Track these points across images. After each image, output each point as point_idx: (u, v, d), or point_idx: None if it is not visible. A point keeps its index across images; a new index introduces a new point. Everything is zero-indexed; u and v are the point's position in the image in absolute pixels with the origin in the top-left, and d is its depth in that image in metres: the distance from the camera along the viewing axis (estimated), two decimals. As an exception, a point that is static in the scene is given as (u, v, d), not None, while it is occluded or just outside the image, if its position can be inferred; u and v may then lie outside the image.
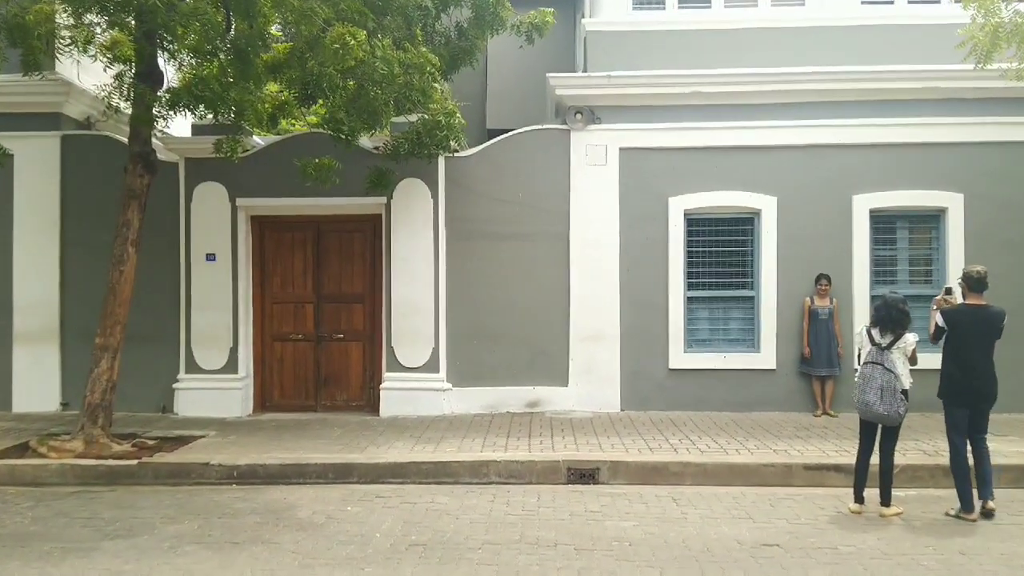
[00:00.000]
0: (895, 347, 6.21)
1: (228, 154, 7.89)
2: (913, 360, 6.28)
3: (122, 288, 8.11)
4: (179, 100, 7.38)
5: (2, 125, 8.78)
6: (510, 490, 6.94)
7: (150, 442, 8.27)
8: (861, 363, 6.39)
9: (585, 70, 10.14)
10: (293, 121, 11.11)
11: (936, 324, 6.47)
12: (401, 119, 9.11)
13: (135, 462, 7.52)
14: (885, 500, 6.28)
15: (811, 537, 5.70)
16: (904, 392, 6.18)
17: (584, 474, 7.35)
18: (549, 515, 6.17)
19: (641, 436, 8.40)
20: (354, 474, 7.41)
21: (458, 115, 8.49)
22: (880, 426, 6.33)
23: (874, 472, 6.38)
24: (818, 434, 8.48)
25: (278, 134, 10.27)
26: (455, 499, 6.64)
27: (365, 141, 9.33)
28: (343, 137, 8.39)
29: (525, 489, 6.99)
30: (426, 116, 8.53)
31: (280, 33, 9.12)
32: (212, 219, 9.97)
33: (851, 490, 6.55)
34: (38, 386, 10.02)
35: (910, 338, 6.24)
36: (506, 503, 6.51)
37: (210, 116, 7.84)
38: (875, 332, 6.33)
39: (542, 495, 6.76)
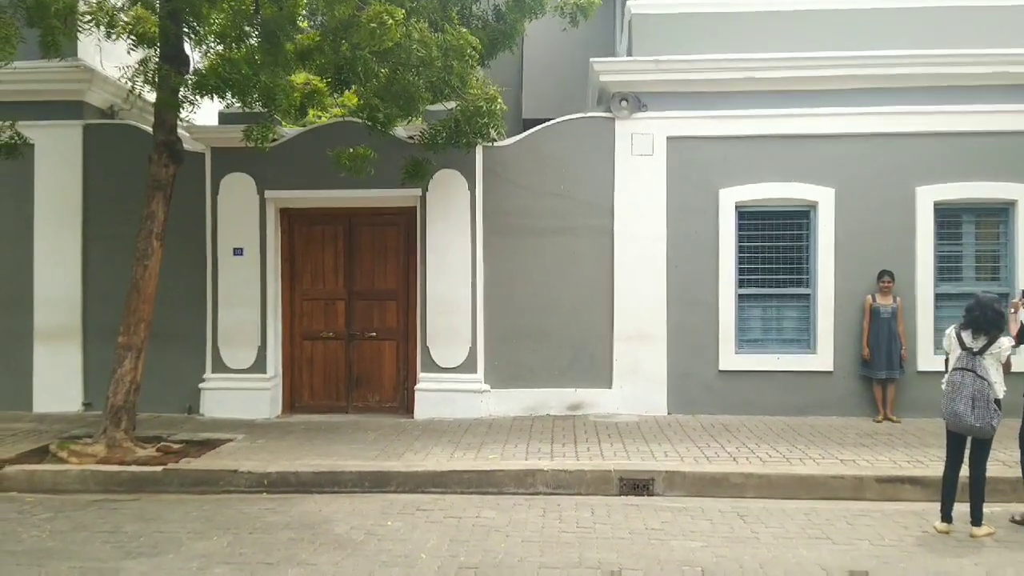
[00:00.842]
0: (988, 352, 5.65)
1: (258, 142, 7.44)
2: (1008, 366, 5.72)
3: (146, 284, 7.69)
4: (206, 83, 6.92)
5: (22, 113, 8.38)
6: (560, 503, 6.44)
7: (175, 446, 7.86)
8: (949, 369, 5.83)
9: (629, 55, 9.60)
10: (319, 113, 10.63)
11: (1022, 324, 6.00)
12: (436, 107, 8.65)
13: (159, 469, 7.10)
14: (976, 519, 5.72)
15: (901, 562, 5.16)
16: (997, 401, 5.63)
17: (637, 485, 6.84)
18: (607, 533, 5.66)
19: (694, 443, 7.87)
20: (392, 483, 6.95)
21: (500, 101, 7.98)
22: (969, 438, 5.77)
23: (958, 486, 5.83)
24: (884, 442, 7.91)
25: (303, 126, 9.83)
26: (503, 513, 6.15)
27: (399, 131, 8.85)
28: (378, 125, 7.93)
29: (576, 501, 6.49)
30: (465, 102, 8.02)
31: (307, 24, 8.64)
32: (240, 212, 9.54)
33: (929, 505, 6.03)
34: (60, 385, 9.65)
35: (1005, 342, 5.68)
36: (558, 518, 6.01)
37: (238, 103, 7.36)
38: (966, 335, 5.76)
39: (595, 509, 6.26)
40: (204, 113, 9.57)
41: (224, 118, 9.68)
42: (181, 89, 7.37)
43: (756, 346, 9.38)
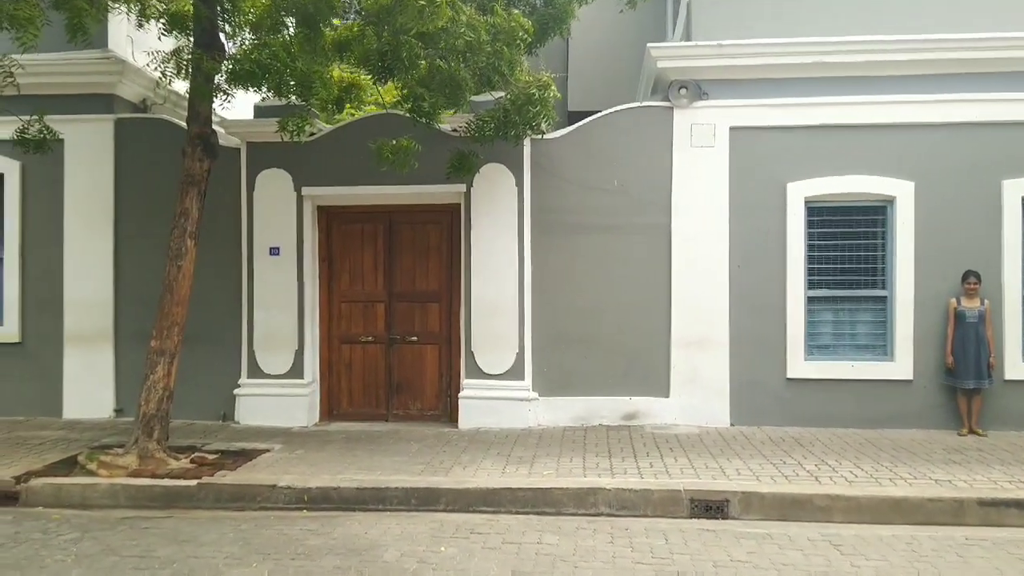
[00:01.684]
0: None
1: (294, 134, 6.94)
2: None
3: (180, 285, 7.23)
4: (241, 69, 6.42)
5: (51, 107, 7.96)
6: (628, 527, 5.85)
7: (210, 457, 7.39)
8: None
9: (687, 39, 8.98)
10: (354, 110, 10.09)
11: None
12: (480, 98, 8.12)
13: (194, 483, 6.63)
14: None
15: (1030, 604, 4.51)
16: None
17: (710, 507, 6.23)
18: (687, 566, 5.05)
19: (766, 458, 7.24)
20: (440, 501, 6.41)
21: (553, 88, 7.41)
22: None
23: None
24: (975, 458, 7.22)
25: (338, 122, 9.32)
26: (566, 539, 5.57)
27: (441, 124, 8.29)
28: (423, 116, 7.41)
29: (645, 526, 5.89)
30: (515, 91, 7.46)
31: (339, 21, 8.12)
32: (276, 209, 9.07)
33: (1044, 533, 5.33)
34: (90, 391, 9.25)
35: None
36: (629, 545, 5.42)
37: (272, 93, 6.87)
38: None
39: (668, 535, 5.66)
40: (239, 108, 9.14)
41: (260, 112, 9.22)
42: (215, 77, 6.88)
43: (827, 353, 8.71)
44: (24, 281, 9.41)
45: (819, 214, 8.70)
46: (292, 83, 6.54)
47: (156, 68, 6.95)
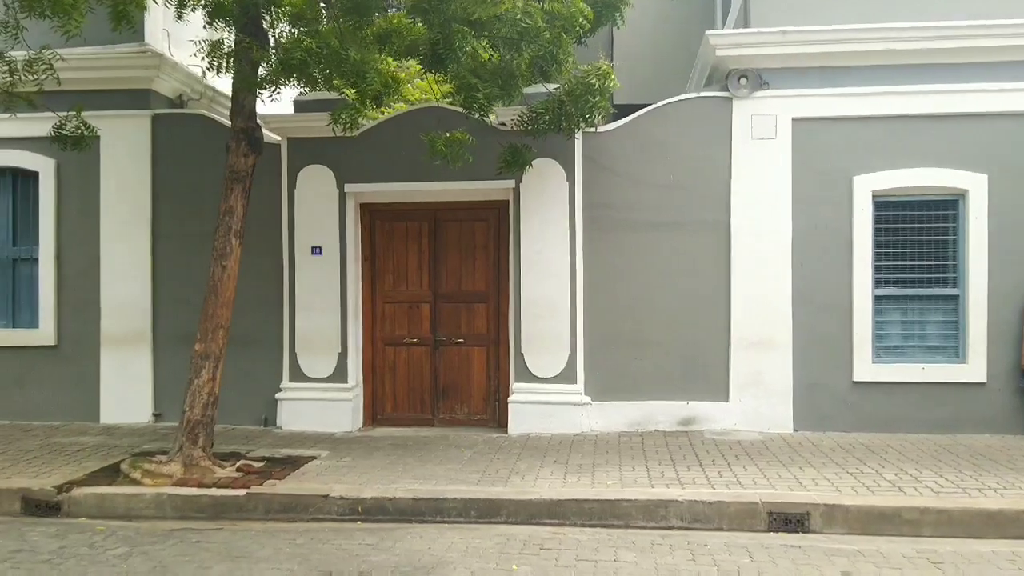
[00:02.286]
0: None
1: (347, 127, 6.60)
2: None
3: (225, 286, 6.95)
4: (291, 57, 6.09)
5: (87, 103, 7.68)
6: (706, 543, 5.47)
7: (256, 465, 7.10)
8: None
9: (745, 26, 8.57)
10: (392, 102, 9.69)
11: None
12: (530, 89, 7.76)
13: (242, 492, 6.34)
14: None
15: None
16: None
17: (790, 520, 5.85)
18: (780, 585, 4.70)
19: (841, 467, 6.85)
20: (502, 513, 6.08)
21: (613, 77, 7.05)
22: None
23: None
24: (1064, 467, 6.80)
25: (373, 119, 8.98)
26: (644, 556, 5.21)
27: (491, 117, 7.96)
28: (476, 108, 7.07)
29: (724, 541, 5.52)
30: (573, 80, 7.11)
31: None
32: (318, 207, 8.77)
33: None
34: (128, 395, 9.00)
35: None
36: (713, 564, 5.05)
37: (322, 84, 6.54)
38: None
39: (752, 552, 5.28)
40: (277, 103, 8.84)
41: (300, 106, 8.92)
42: (261, 67, 6.57)
43: (896, 354, 8.29)
44: (59, 282, 9.18)
45: (887, 209, 8.29)
46: (345, 72, 6.19)
47: (202, 58, 6.63)
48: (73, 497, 6.38)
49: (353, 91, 6.43)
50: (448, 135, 7.05)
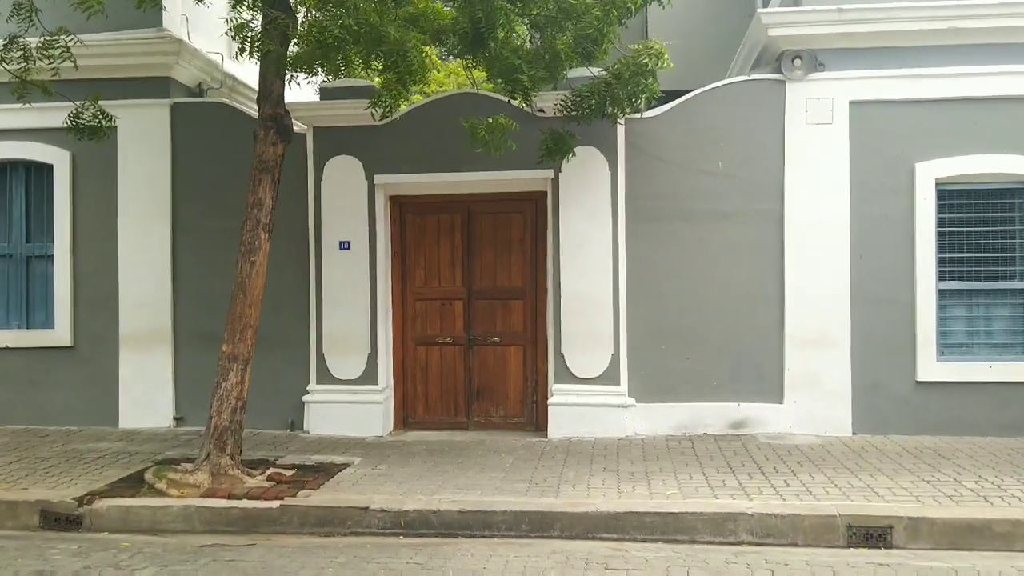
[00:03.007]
0: None
1: (387, 110, 6.15)
2: None
3: (253, 284, 6.52)
4: (328, 35, 5.62)
5: (103, 92, 7.27)
6: (786, 560, 5.01)
7: (287, 473, 6.67)
8: None
9: (798, 3, 8.07)
10: (427, 90, 9.27)
11: None
12: (573, 73, 7.31)
13: (276, 504, 5.91)
14: None
15: None
16: None
17: (871, 534, 5.39)
18: (882, 613, 4.23)
19: (914, 474, 6.38)
20: (555, 526, 5.63)
21: (666, 57, 6.57)
22: None
23: None
24: None
25: (415, 101, 8.54)
26: (720, 576, 4.76)
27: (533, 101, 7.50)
28: (520, 93, 6.62)
29: (805, 559, 5.05)
30: (625, 60, 6.65)
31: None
32: (345, 200, 8.33)
33: None
34: (148, 398, 8.58)
35: None
36: (799, 586, 4.60)
37: (362, 65, 6.10)
38: None
39: (838, 571, 4.82)
40: (297, 91, 8.40)
41: (325, 94, 8.46)
42: (292, 43, 6.12)
43: (962, 352, 7.81)
44: (75, 280, 8.77)
45: (951, 197, 7.80)
46: (385, 52, 5.73)
47: (232, 36, 6.18)
48: (95, 510, 5.97)
49: (393, 73, 5.96)
50: (491, 121, 6.59)
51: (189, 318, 8.58)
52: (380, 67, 6.15)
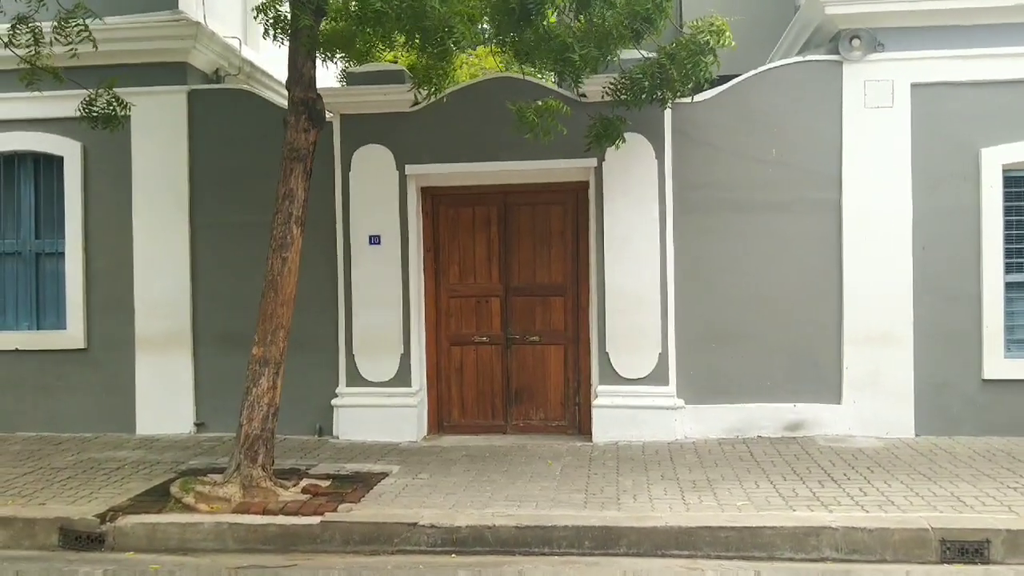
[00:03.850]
0: None
1: (433, 92, 5.69)
2: None
3: (285, 281, 6.07)
4: (368, 9, 5.14)
5: (119, 80, 6.84)
6: (886, 582, 4.58)
7: (323, 484, 6.22)
8: None
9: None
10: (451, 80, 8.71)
11: None
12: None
13: (316, 520, 5.47)
14: None
15: None
16: None
17: (966, 549, 4.96)
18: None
19: (996, 480, 5.96)
20: (621, 543, 5.20)
21: (728, 34, 6.10)
22: None
23: None
24: None
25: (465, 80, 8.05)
26: (819, 601, 4.32)
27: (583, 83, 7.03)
28: (571, 74, 6.16)
29: (904, 578, 4.63)
30: (680, 40, 6.18)
31: None
32: (375, 191, 7.87)
33: None
34: (167, 403, 8.13)
35: None
36: (908, 612, 4.16)
37: (406, 41, 5.63)
38: None
39: (945, 594, 4.39)
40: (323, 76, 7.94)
41: (352, 79, 7.99)
42: (326, 18, 5.65)
43: (1031, 348, 7.38)
44: (88, 279, 8.31)
45: (1019, 185, 7.36)
46: (429, 28, 5.26)
47: (259, 12, 5.71)
48: (119, 528, 5.52)
49: (437, 49, 5.49)
50: (541, 103, 6.14)
51: (209, 318, 8.13)
52: (422, 44, 5.65)
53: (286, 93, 6.33)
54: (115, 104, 6.73)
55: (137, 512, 5.71)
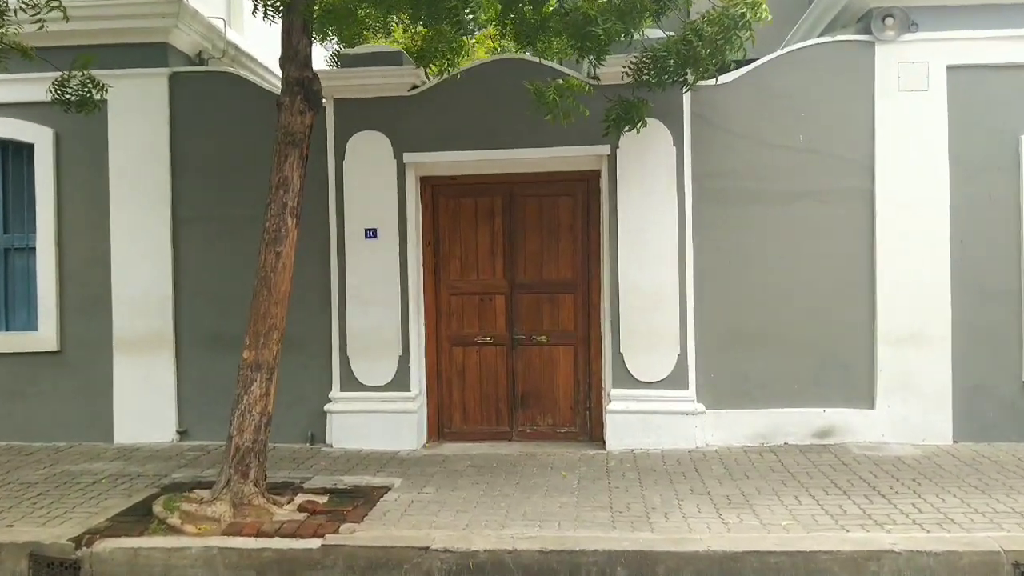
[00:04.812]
0: None
1: (445, 68, 5.15)
2: None
3: (279, 278, 5.50)
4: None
5: (95, 61, 6.26)
6: (957, 613, 4.09)
7: (320, 501, 5.67)
8: None
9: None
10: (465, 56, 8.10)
11: None
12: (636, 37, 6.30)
13: (316, 543, 4.91)
14: None
15: None
16: None
17: (1040, 574, 4.48)
18: None
19: (1054, 493, 5.49)
20: (658, 569, 4.68)
21: (764, 7, 5.58)
22: None
23: None
24: None
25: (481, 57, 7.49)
26: (893, 639, 3.82)
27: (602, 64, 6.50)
28: (594, 48, 5.64)
29: (978, 609, 4.14)
30: (710, 14, 5.66)
31: None
32: (371, 181, 7.32)
33: None
34: (147, 409, 7.55)
35: None
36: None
37: (419, 16, 5.07)
38: None
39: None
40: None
41: (346, 61, 7.43)
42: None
43: (1076, 348, 6.94)
44: (62, 276, 7.70)
45: (1063, 174, 6.91)
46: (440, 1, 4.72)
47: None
48: (96, 554, 4.93)
49: (451, 23, 4.95)
50: (561, 82, 5.60)
51: (193, 318, 7.55)
52: (433, 16, 5.10)
53: (272, 80, 5.79)
54: (90, 86, 6.21)
55: (116, 535, 5.12)
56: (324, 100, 7.27)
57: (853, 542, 4.68)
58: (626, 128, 6.24)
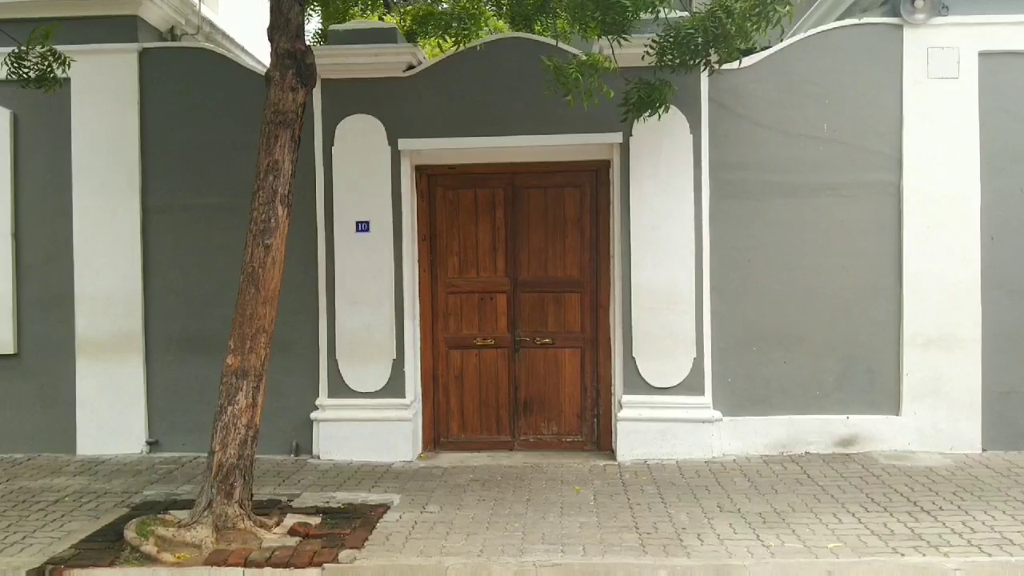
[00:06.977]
0: None
1: (461, 40, 4.62)
2: None
3: (268, 274, 4.92)
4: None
5: (57, 36, 5.62)
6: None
7: (311, 521, 5.09)
8: None
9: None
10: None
11: None
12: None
13: (314, 574, 4.34)
14: None
15: None
16: None
17: (1118, 603, 4.07)
18: None
19: (1110, 509, 5.10)
20: (699, 599, 4.19)
21: (795, -20, 5.13)
22: None
23: None
24: None
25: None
26: None
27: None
28: (617, 26, 5.13)
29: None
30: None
31: None
32: (363, 170, 6.75)
33: None
34: (113, 418, 6.91)
35: None
36: None
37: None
38: None
39: None
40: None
41: (335, 37, 6.84)
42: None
43: (1112, 352, 6.59)
44: (19, 271, 7.02)
45: (1098, 168, 6.56)
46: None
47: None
48: (59, 589, 4.32)
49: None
50: (585, 57, 5.08)
51: (165, 318, 6.91)
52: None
53: (247, 60, 5.21)
54: (51, 60, 5.57)
55: (83, 564, 4.54)
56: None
57: (913, 569, 4.26)
58: (647, 113, 5.74)
